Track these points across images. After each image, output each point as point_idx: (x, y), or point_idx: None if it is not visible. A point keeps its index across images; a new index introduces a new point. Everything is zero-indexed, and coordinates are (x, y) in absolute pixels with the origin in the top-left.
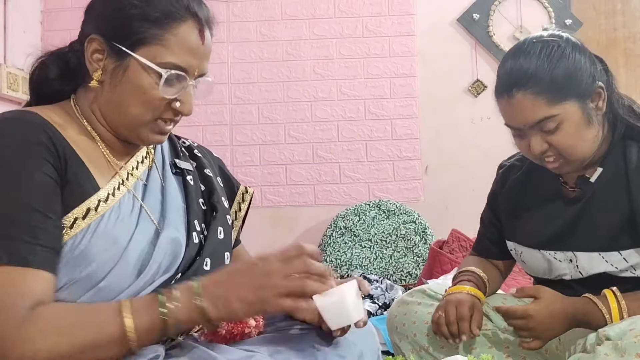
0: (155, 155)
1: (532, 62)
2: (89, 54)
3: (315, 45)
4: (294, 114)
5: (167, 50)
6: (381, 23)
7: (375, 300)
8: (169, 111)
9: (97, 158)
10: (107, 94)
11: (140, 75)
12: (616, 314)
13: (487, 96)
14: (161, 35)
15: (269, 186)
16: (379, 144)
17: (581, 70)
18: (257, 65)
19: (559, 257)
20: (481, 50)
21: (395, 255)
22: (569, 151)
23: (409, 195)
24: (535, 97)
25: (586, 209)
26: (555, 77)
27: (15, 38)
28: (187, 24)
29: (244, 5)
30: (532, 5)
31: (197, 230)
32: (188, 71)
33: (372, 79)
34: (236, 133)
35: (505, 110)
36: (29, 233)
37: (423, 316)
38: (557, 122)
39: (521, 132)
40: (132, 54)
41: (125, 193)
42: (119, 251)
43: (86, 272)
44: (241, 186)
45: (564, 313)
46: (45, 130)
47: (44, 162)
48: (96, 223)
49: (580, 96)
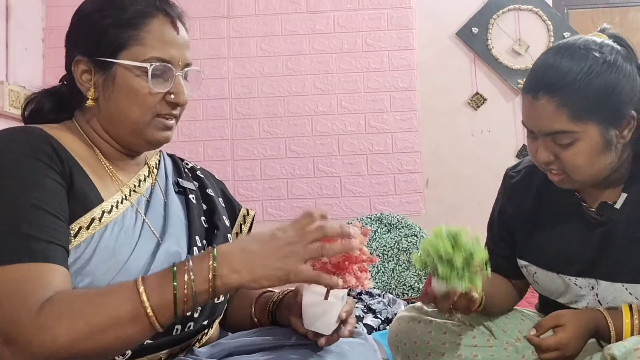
0: (158, 175)
1: (571, 69)
2: (78, 77)
3: (315, 60)
4: (295, 129)
5: (147, 47)
6: (380, 37)
7: (377, 315)
8: (166, 106)
9: (100, 173)
10: (104, 107)
11: (128, 78)
12: (628, 329)
13: (487, 109)
14: (137, 35)
15: (270, 200)
16: (379, 158)
17: (617, 95)
18: (257, 80)
19: (580, 283)
20: (480, 64)
21: (397, 269)
22: (574, 171)
23: (410, 209)
24: (558, 108)
25: (611, 236)
26: (586, 95)
27: (17, 55)
28: (158, 18)
29: (244, 22)
30: (531, 18)
31: (199, 245)
32: (172, 62)
33: (372, 93)
34: (237, 148)
35: (526, 109)
36: (45, 232)
37: (424, 335)
38: (573, 140)
39: (534, 135)
40: (115, 61)
41: (128, 207)
42: (121, 262)
43: (87, 280)
44: (243, 208)
45: (588, 330)
46: (50, 142)
47: (51, 169)
48: (100, 234)
49: (606, 121)
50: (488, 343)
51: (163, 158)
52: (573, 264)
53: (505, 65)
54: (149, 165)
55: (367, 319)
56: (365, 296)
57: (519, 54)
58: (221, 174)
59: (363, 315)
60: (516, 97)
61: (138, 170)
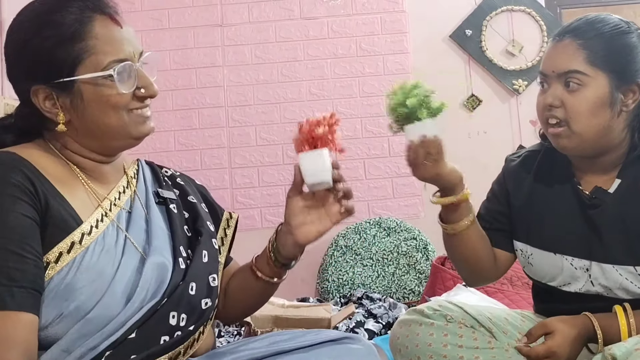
0: (137, 186)
1: (598, 24)
2: (41, 105)
3: (310, 65)
4: (291, 135)
5: (100, 54)
6: (375, 42)
7: (379, 319)
8: (137, 101)
9: (78, 191)
10: (80, 126)
11: (95, 90)
12: (625, 330)
13: (483, 111)
14: (85, 45)
15: (268, 207)
16: (377, 162)
17: (632, 58)
18: (253, 87)
19: (575, 263)
20: (475, 66)
21: (398, 273)
22: (575, 118)
23: (409, 212)
24: (578, 49)
25: (603, 218)
26: (607, 45)
27: None
28: (98, 20)
29: (238, 30)
30: (524, 19)
31: (183, 256)
32: (129, 58)
33: (367, 97)
34: (234, 156)
35: (547, 54)
36: (4, 275)
37: (425, 338)
38: (582, 83)
39: (547, 81)
40: (76, 78)
41: (108, 224)
42: (106, 282)
43: (74, 305)
44: (225, 212)
45: (579, 336)
46: (22, 169)
47: (20, 203)
48: (81, 256)
49: (616, 77)
50: (489, 345)
51: (141, 167)
52: (569, 243)
53: (499, 67)
54: (127, 175)
55: (368, 324)
56: (366, 301)
57: (513, 54)
58: (219, 182)
59: (364, 321)
60: (511, 98)
61: (117, 178)
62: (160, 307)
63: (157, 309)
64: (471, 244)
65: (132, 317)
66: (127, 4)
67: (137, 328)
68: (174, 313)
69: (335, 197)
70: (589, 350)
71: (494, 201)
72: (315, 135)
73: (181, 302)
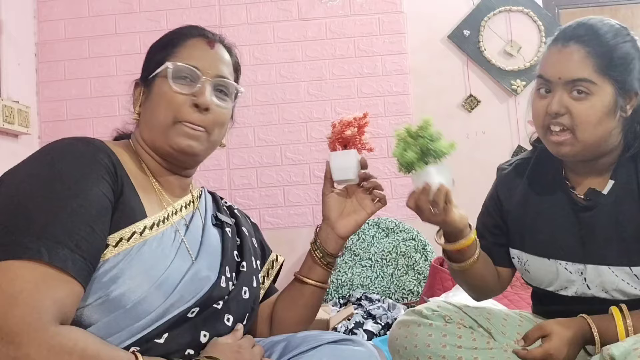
0: (199, 205)
1: (602, 28)
2: (134, 97)
3: (309, 66)
4: (290, 136)
5: (179, 57)
6: (373, 43)
7: (377, 320)
8: (190, 112)
9: (149, 190)
10: (143, 119)
11: (160, 85)
12: (622, 331)
13: (481, 111)
14: (174, 50)
15: (267, 208)
16: (375, 162)
17: (634, 66)
18: (251, 88)
19: (570, 268)
20: (473, 66)
21: (397, 274)
22: (582, 127)
23: (408, 212)
24: (587, 56)
25: (597, 220)
26: (614, 52)
27: (10, 70)
28: (197, 38)
29: (237, 30)
30: (522, 19)
31: (227, 276)
32: (199, 68)
33: (366, 98)
34: (233, 156)
35: (551, 58)
36: (74, 241)
37: (424, 339)
38: (589, 92)
39: (550, 87)
40: (154, 73)
41: (169, 227)
42: (155, 277)
43: (118, 292)
44: (272, 253)
45: (576, 338)
46: (109, 154)
47: (103, 181)
48: (138, 247)
49: (619, 85)
50: (488, 345)
51: (204, 192)
52: (562, 247)
53: (497, 67)
54: (192, 194)
55: (367, 324)
56: (365, 302)
57: (511, 55)
58: (217, 184)
59: (363, 321)
60: (510, 98)
61: (183, 194)
62: (194, 319)
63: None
64: (478, 275)
65: (163, 317)
66: (125, 6)
67: (166, 333)
68: (206, 333)
69: (365, 191)
70: (586, 353)
71: (488, 216)
72: (345, 136)
73: (216, 327)
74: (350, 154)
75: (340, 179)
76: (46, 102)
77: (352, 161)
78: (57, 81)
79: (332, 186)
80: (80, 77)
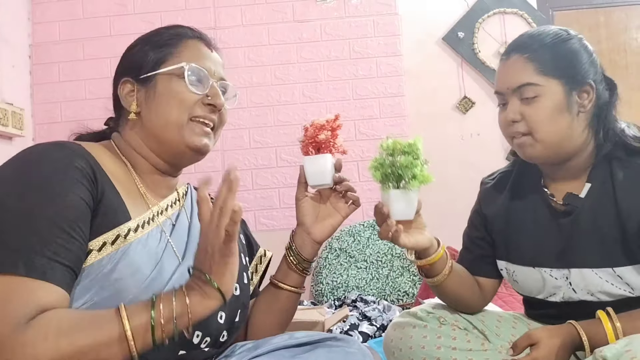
0: (184, 203)
1: (539, 36)
2: (123, 96)
3: (304, 68)
4: (285, 137)
5: (183, 57)
6: (368, 44)
7: (373, 322)
8: (202, 109)
9: (132, 192)
10: (147, 117)
11: (168, 84)
12: (611, 334)
13: (476, 112)
14: (174, 51)
15: (262, 210)
16: None
17: (578, 61)
18: (246, 90)
19: (555, 274)
20: (467, 68)
21: (392, 275)
22: (537, 127)
23: None
24: (526, 62)
25: (577, 224)
26: (552, 53)
27: (4, 72)
28: (193, 40)
29: (232, 32)
30: (516, 21)
31: None
32: (207, 71)
33: (361, 100)
34: (228, 158)
35: (499, 73)
36: (51, 249)
37: (419, 341)
38: (537, 94)
39: (504, 99)
40: (155, 72)
41: (154, 227)
42: (142, 280)
43: (107, 294)
44: (260, 249)
45: (564, 345)
46: (86, 157)
47: (80, 186)
48: (123, 251)
49: (567, 81)
50: (482, 347)
51: (190, 189)
52: (546, 255)
53: (492, 69)
54: (178, 193)
55: (363, 326)
56: (360, 303)
57: None
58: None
59: (358, 323)
60: None
61: (168, 194)
62: None
63: None
64: (454, 288)
65: None
66: (119, 8)
67: None
68: (199, 333)
69: (338, 194)
70: (577, 359)
71: (473, 228)
72: (319, 140)
73: (209, 326)
74: (326, 158)
75: (316, 184)
76: (40, 104)
77: (327, 165)
78: (52, 83)
79: (306, 190)
80: (74, 79)
